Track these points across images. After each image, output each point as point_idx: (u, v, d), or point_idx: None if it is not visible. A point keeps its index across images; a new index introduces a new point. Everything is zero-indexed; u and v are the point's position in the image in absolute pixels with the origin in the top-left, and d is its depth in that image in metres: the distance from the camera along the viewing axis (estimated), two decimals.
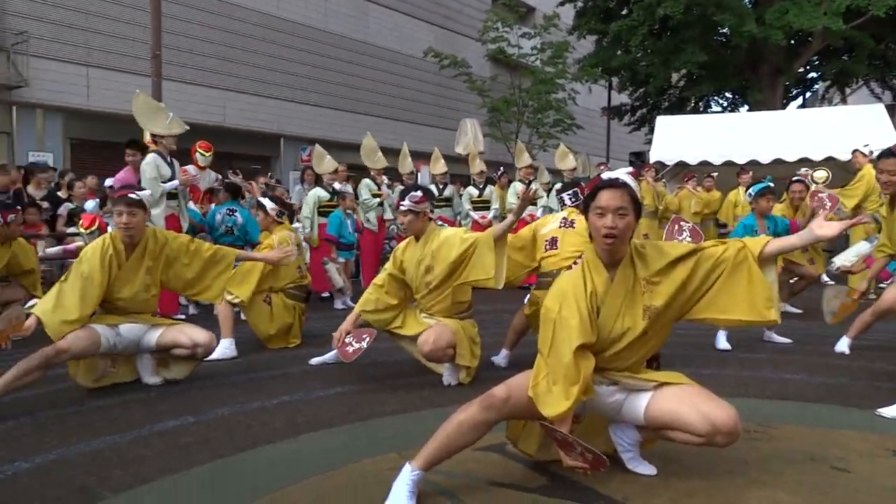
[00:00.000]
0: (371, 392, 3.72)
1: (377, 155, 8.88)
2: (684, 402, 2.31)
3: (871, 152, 8.41)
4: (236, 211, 6.96)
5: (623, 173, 2.39)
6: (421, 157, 14.10)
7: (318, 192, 7.98)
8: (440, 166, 9.44)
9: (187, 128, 6.50)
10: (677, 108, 18.30)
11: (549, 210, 9.53)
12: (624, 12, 16.75)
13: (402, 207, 3.91)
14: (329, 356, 4.41)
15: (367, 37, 19.42)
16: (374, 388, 3.83)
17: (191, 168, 7.14)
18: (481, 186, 9.55)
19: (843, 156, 9.57)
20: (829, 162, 10.09)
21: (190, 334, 3.82)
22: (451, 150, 11.59)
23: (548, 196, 9.53)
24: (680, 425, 2.32)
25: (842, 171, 8.93)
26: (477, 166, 9.68)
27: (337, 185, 8.19)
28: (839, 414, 3.33)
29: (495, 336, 4.87)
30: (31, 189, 7.48)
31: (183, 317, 6.55)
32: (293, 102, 17.55)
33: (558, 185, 9.68)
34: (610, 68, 17.57)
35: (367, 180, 8.71)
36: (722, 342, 4.89)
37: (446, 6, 22.02)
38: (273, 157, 17.87)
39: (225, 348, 4.69)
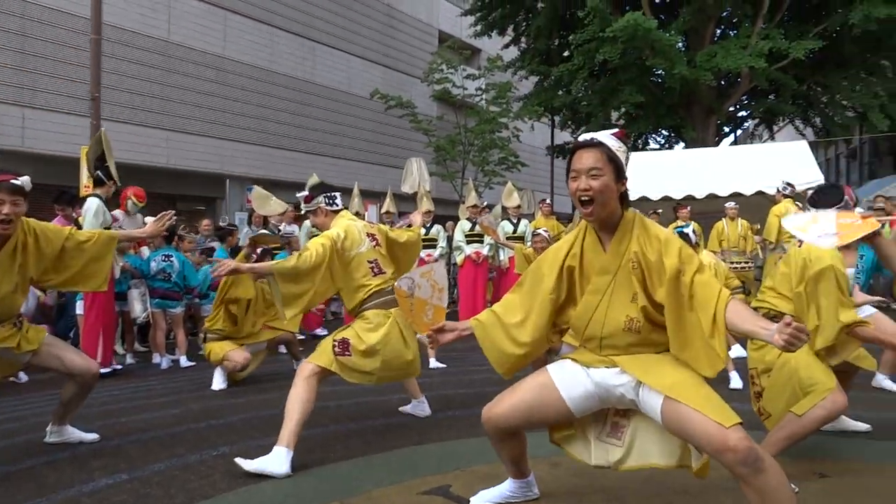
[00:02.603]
0: (314, 438, 3.67)
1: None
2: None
3: (787, 187, 9.01)
4: (172, 256, 6.80)
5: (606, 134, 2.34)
6: (369, 196, 14.12)
7: None
8: (425, 204, 9.48)
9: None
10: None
11: (494, 247, 9.64)
12: (566, 54, 17.32)
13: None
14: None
15: (313, 77, 19.52)
16: (317, 434, 3.77)
17: (117, 213, 6.80)
18: (428, 226, 9.61)
19: (772, 190, 10.04)
20: (758, 196, 10.58)
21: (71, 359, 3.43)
22: (399, 188, 11.67)
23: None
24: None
25: (770, 205, 9.38)
26: (425, 205, 9.77)
27: (285, 227, 8.14)
28: None
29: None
30: None
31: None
32: (239, 142, 17.43)
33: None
34: (552, 108, 18.07)
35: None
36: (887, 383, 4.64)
37: (393, 47, 22.36)
38: (218, 198, 17.62)
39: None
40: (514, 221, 9.71)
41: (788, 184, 9.15)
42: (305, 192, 3.93)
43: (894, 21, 13.22)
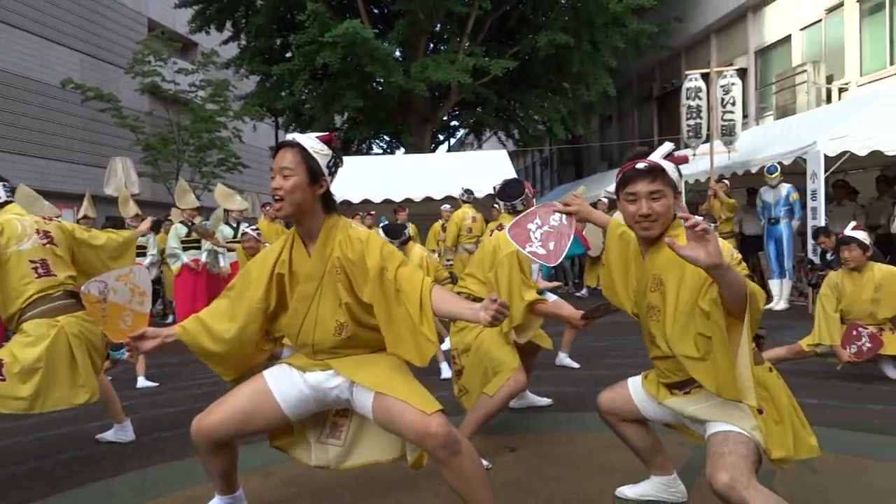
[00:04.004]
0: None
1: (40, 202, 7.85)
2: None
3: (464, 193, 10.01)
4: None
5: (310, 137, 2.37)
6: (69, 198, 12.49)
7: None
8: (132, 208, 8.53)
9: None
10: (342, 149, 19.04)
11: (213, 253, 9.16)
12: (288, 55, 17.08)
13: None
14: None
15: None
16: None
17: None
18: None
19: (479, 194, 10.99)
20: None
21: None
22: (102, 190, 10.45)
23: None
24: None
25: (479, 207, 10.31)
26: (130, 209, 8.89)
27: None
28: None
29: None
30: None
31: None
32: None
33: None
34: (275, 109, 17.72)
35: None
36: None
37: (95, 33, 20.04)
38: None
39: None
40: (234, 226, 9.31)
41: (467, 190, 10.19)
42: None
43: (570, 49, 15.50)
